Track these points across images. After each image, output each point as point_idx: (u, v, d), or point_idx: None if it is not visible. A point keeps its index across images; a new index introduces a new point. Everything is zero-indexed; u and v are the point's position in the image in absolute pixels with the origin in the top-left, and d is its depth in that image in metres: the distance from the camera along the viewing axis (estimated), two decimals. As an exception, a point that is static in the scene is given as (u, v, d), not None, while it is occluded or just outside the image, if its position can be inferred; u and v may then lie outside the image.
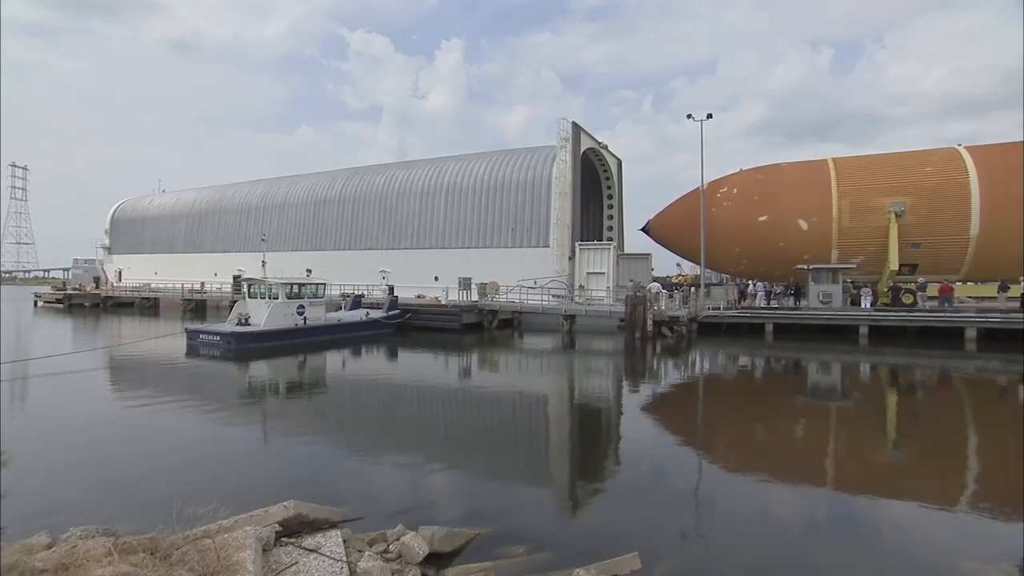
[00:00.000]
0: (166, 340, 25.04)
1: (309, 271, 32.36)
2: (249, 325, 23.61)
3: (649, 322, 25.74)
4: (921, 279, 29.23)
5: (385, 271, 37.22)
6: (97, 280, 57.27)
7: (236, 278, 39.45)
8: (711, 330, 27.26)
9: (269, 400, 14.50)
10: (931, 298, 28.11)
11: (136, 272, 59.24)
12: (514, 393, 15.42)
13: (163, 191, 65.90)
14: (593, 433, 11.83)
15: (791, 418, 13.04)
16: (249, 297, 25.30)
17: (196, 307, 43.82)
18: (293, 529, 5.24)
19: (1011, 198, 27.76)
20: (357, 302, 30.98)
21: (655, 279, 35.50)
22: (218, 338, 22.50)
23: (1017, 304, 26.09)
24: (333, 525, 5.54)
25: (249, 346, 22.13)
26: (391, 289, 34.76)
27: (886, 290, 28.99)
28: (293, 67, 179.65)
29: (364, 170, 49.77)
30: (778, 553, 5.94)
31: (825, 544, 6.32)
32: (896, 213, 29.09)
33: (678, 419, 13.10)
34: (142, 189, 69.66)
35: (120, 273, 61.15)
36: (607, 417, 13.24)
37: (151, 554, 3.82)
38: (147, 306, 46.90)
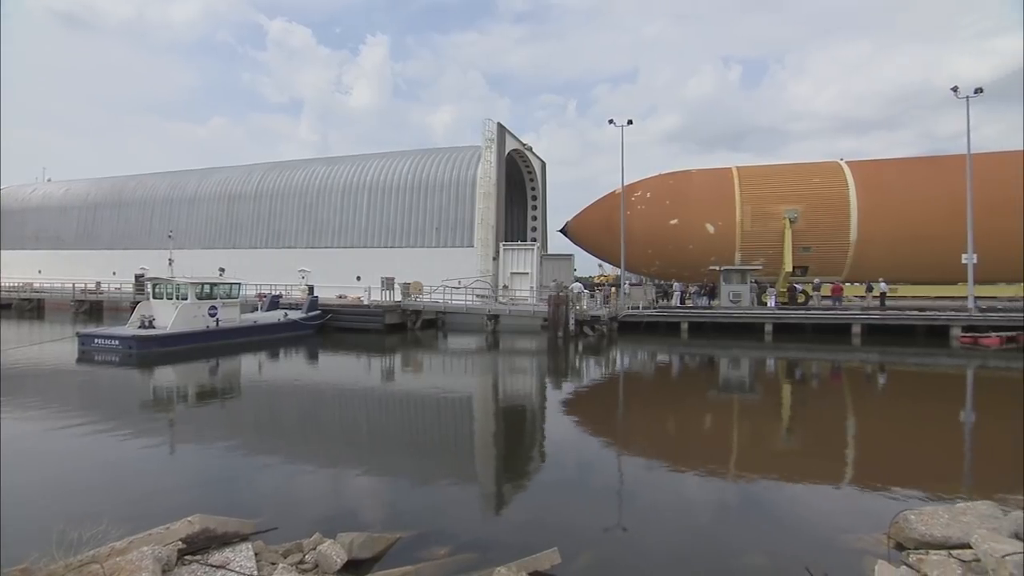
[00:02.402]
0: (53, 345, 22.93)
1: (222, 270, 30.59)
2: (154, 328, 22.09)
3: (571, 321, 26.52)
4: (816, 279, 32.03)
5: (305, 270, 35.89)
6: (-35, 279, 51.05)
7: (139, 277, 36.59)
8: (631, 329, 28.42)
9: (177, 408, 13.71)
10: (825, 297, 30.88)
11: (15, 270, 53.17)
12: (438, 394, 15.47)
13: (49, 180, 59.77)
14: (517, 432, 12.01)
15: (704, 411, 13.92)
16: (154, 298, 23.65)
17: (90, 309, 40.10)
18: (199, 545, 5.01)
19: (882, 209, 31.13)
20: (275, 303, 29.74)
21: (577, 279, 36.57)
22: (117, 342, 20.88)
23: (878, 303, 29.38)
24: (244, 538, 5.36)
25: (154, 350, 20.72)
26: (311, 289, 33.65)
27: (783, 290, 31.55)
28: (205, 53, 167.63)
29: (283, 165, 47.71)
30: (692, 536, 6.40)
31: (733, 525, 6.84)
32: (790, 219, 31.75)
33: (600, 415, 13.59)
34: (22, 178, 62.74)
35: (-6, 271, 54.85)
36: (531, 415, 13.48)
37: (25, 586, 3.58)
38: (28, 308, 42.31)
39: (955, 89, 27.51)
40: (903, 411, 13.82)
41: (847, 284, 32.83)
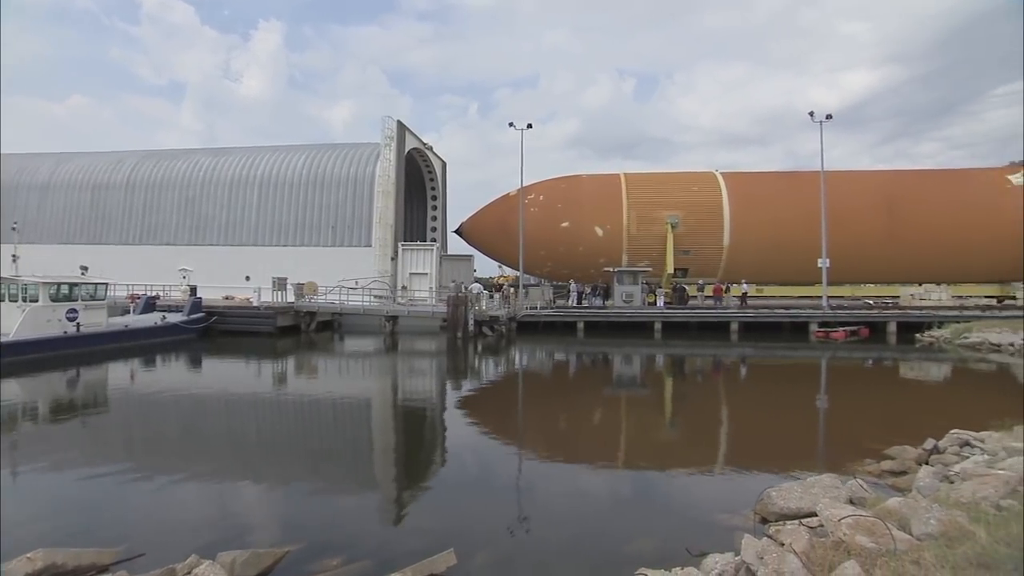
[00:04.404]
0: None
1: (84, 268, 27.48)
2: None
3: (471, 322, 26.89)
4: (700, 281, 34.83)
5: (186, 270, 33.27)
6: None
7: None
8: (529, 328, 29.23)
9: (22, 427, 11.85)
10: (708, 297, 33.66)
11: None
12: (334, 398, 15.09)
13: None
14: (417, 434, 12.01)
15: (598, 407, 14.71)
16: (-8, 300, 20.70)
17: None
18: (44, 585, 4.49)
19: (750, 217, 34.58)
20: (150, 305, 27.26)
21: (477, 280, 37.01)
22: None
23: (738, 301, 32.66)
24: (103, 570, 4.91)
25: None
26: (193, 290, 31.26)
27: (669, 290, 34.05)
28: (61, 20, 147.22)
29: (161, 154, 43.67)
30: (586, 527, 6.65)
31: (624, 514, 7.27)
32: (672, 224, 34.35)
33: (499, 414, 13.87)
34: None
35: None
36: (431, 417, 13.54)
37: None
38: None
39: (811, 114, 31.26)
40: (771, 399, 15.69)
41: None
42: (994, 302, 34.04)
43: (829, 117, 31.08)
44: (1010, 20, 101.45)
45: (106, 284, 24.17)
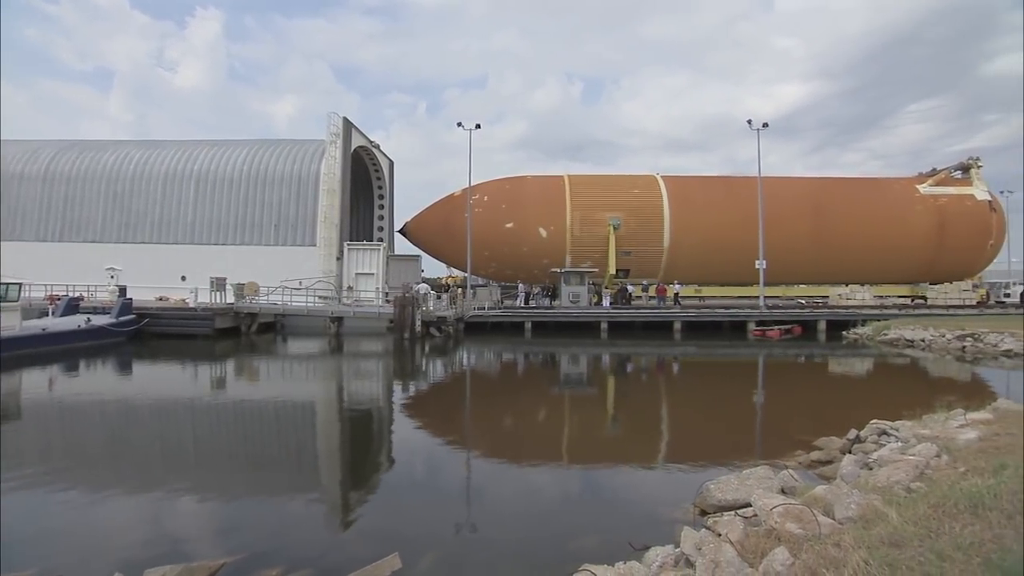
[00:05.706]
0: None
1: (-4, 268, 25.42)
2: None
3: (418, 322, 26.61)
4: (644, 281, 35.75)
5: (114, 269, 31.32)
6: None
7: None
8: (477, 329, 29.25)
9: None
10: (652, 297, 34.60)
11: None
12: (277, 403, 14.58)
13: None
14: (364, 437, 11.76)
15: (546, 406, 14.81)
16: None
17: None
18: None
19: (689, 219, 35.85)
20: (72, 306, 25.44)
21: (425, 280, 36.71)
22: None
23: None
24: None
25: None
26: (122, 290, 29.51)
27: (614, 290, 34.84)
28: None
29: (86, 144, 40.93)
30: (534, 525, 6.66)
31: (571, 510, 7.32)
32: (614, 226, 35.14)
33: (446, 416, 13.72)
34: None
35: None
36: (378, 420, 13.28)
37: None
38: None
39: (749, 122, 32.71)
40: (711, 395, 16.32)
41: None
42: (908, 301, 36.69)
43: (765, 125, 32.60)
44: (922, 44, 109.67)
45: (19, 284, 22.37)
